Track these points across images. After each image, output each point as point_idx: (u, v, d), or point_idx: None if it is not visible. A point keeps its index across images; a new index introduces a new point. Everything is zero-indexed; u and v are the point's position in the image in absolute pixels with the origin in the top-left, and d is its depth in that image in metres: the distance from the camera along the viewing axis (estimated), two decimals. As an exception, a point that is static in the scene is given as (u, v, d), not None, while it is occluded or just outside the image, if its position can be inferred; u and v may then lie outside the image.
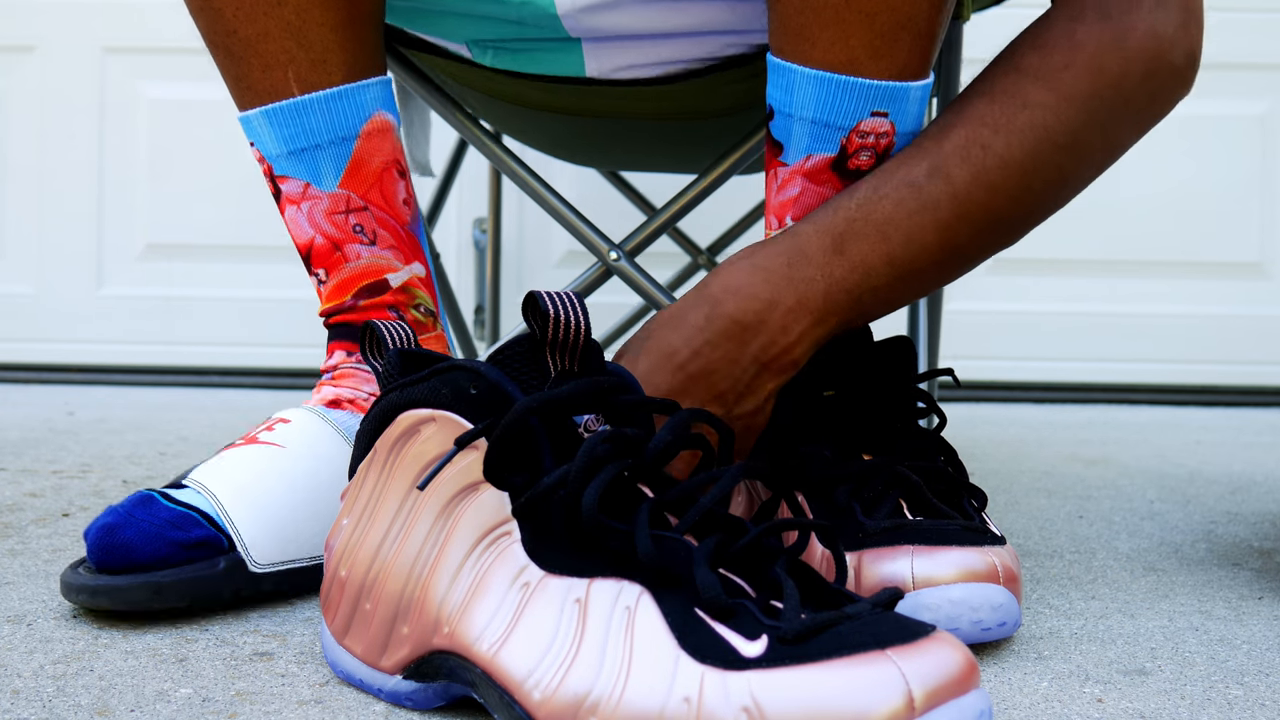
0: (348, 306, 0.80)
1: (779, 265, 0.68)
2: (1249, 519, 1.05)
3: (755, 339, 0.68)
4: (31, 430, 1.48)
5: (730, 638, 0.46)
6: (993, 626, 0.64)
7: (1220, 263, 2.06)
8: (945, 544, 0.64)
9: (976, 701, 0.44)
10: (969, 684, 0.44)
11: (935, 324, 1.25)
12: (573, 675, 0.47)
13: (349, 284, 0.80)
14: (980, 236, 0.71)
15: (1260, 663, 0.65)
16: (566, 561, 0.50)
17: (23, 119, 2.11)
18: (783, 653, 0.44)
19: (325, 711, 0.56)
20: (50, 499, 1.05)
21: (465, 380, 0.53)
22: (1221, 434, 1.67)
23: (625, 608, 0.48)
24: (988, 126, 0.69)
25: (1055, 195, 0.73)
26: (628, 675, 0.46)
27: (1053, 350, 2.06)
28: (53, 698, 0.57)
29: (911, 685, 0.42)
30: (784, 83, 0.71)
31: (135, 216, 2.11)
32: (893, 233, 0.68)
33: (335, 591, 0.59)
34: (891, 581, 0.64)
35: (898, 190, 0.69)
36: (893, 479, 0.69)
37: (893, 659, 0.43)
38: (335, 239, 0.79)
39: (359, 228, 0.79)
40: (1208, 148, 2.05)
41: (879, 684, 0.42)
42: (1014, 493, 1.16)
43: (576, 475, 0.50)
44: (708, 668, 0.45)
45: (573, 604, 0.49)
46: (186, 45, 2.10)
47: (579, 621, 0.48)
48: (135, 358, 2.09)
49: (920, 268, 0.70)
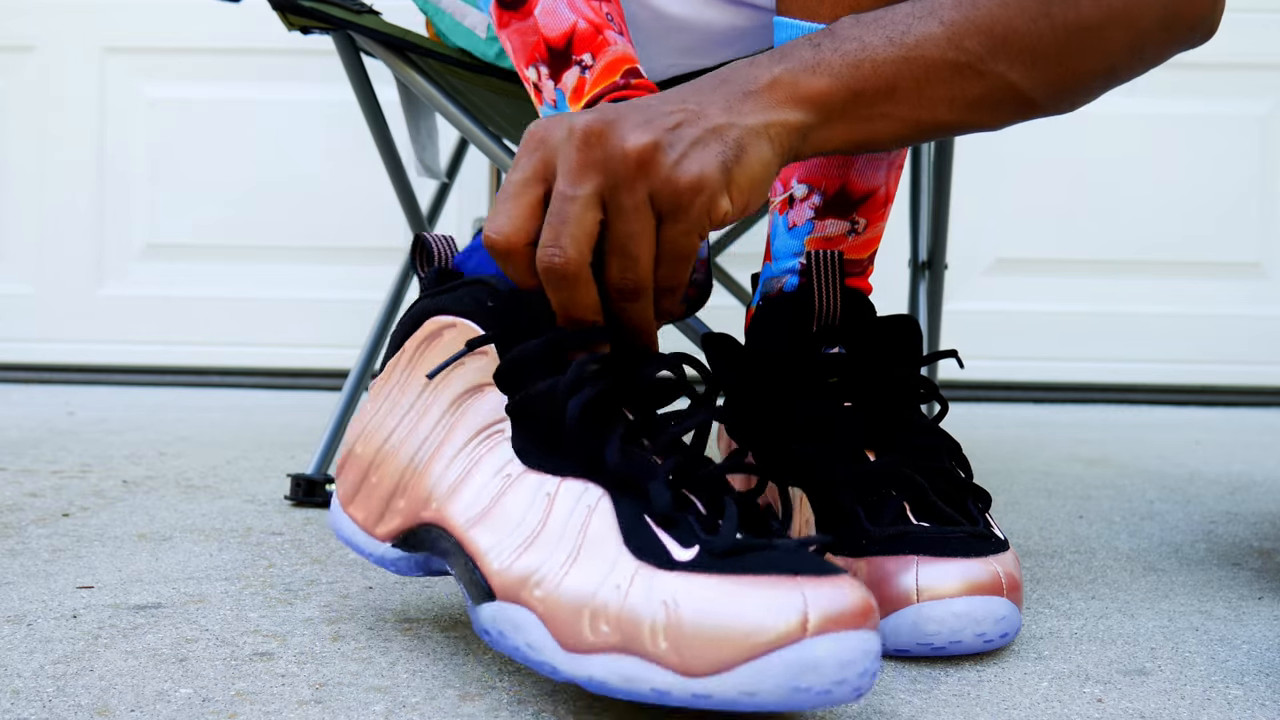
0: (619, 85, 0.73)
1: (766, 51, 0.63)
2: (1249, 519, 1.05)
3: (742, 74, 0.61)
4: (31, 430, 1.48)
5: (668, 543, 0.51)
6: (995, 638, 0.64)
7: (1220, 263, 2.06)
8: (950, 555, 0.64)
9: (865, 640, 0.49)
10: (862, 622, 0.49)
11: (935, 324, 1.25)
12: (529, 554, 0.54)
13: (616, 65, 0.73)
14: (995, 52, 0.64)
15: (1260, 663, 0.65)
16: (545, 461, 0.56)
17: (23, 119, 2.11)
18: (708, 563, 0.50)
19: (325, 711, 0.56)
20: (50, 499, 1.05)
21: (484, 294, 0.60)
22: (1221, 434, 1.67)
23: (586, 506, 0.53)
24: None
25: (1075, 42, 0.66)
26: (574, 561, 0.52)
27: (1053, 350, 2.06)
28: (53, 698, 0.57)
29: (809, 609, 0.47)
30: (789, 39, 0.71)
31: (135, 216, 2.11)
32: (889, 22, 0.63)
33: (350, 464, 0.67)
34: (896, 593, 0.64)
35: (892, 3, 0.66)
36: (898, 481, 0.69)
37: (800, 585, 0.48)
38: (596, 24, 0.74)
39: (610, 17, 0.75)
40: (1208, 148, 2.05)
41: (781, 603, 0.47)
42: (1014, 493, 1.16)
43: (564, 388, 0.55)
44: (642, 564, 0.50)
45: (543, 496, 0.55)
46: (186, 45, 2.10)
47: (545, 511, 0.54)
48: (135, 358, 2.09)
49: (927, 56, 0.63)
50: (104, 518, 0.98)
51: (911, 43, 0.62)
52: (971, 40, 0.63)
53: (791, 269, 0.78)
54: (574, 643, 0.51)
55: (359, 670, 0.62)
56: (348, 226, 2.08)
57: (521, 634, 0.53)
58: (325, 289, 2.08)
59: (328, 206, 2.08)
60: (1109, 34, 0.65)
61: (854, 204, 0.78)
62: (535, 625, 0.53)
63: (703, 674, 0.48)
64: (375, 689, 0.59)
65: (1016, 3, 0.63)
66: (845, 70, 0.61)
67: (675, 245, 0.57)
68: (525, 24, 0.74)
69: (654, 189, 0.55)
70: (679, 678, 0.48)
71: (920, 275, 1.24)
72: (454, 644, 0.66)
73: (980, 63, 0.63)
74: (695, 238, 0.57)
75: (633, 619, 0.49)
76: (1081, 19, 0.64)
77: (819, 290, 0.74)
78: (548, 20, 0.74)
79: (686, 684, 0.48)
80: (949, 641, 0.63)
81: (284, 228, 2.09)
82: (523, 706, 0.56)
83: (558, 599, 0.52)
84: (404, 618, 0.71)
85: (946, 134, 0.68)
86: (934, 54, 0.62)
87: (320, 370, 2.05)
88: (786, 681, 0.47)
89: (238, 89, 2.10)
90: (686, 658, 0.48)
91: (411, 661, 0.63)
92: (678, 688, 0.48)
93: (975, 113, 0.65)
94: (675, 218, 0.56)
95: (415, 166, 1.13)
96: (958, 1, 0.63)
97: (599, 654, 0.50)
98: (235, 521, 0.97)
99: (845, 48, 0.62)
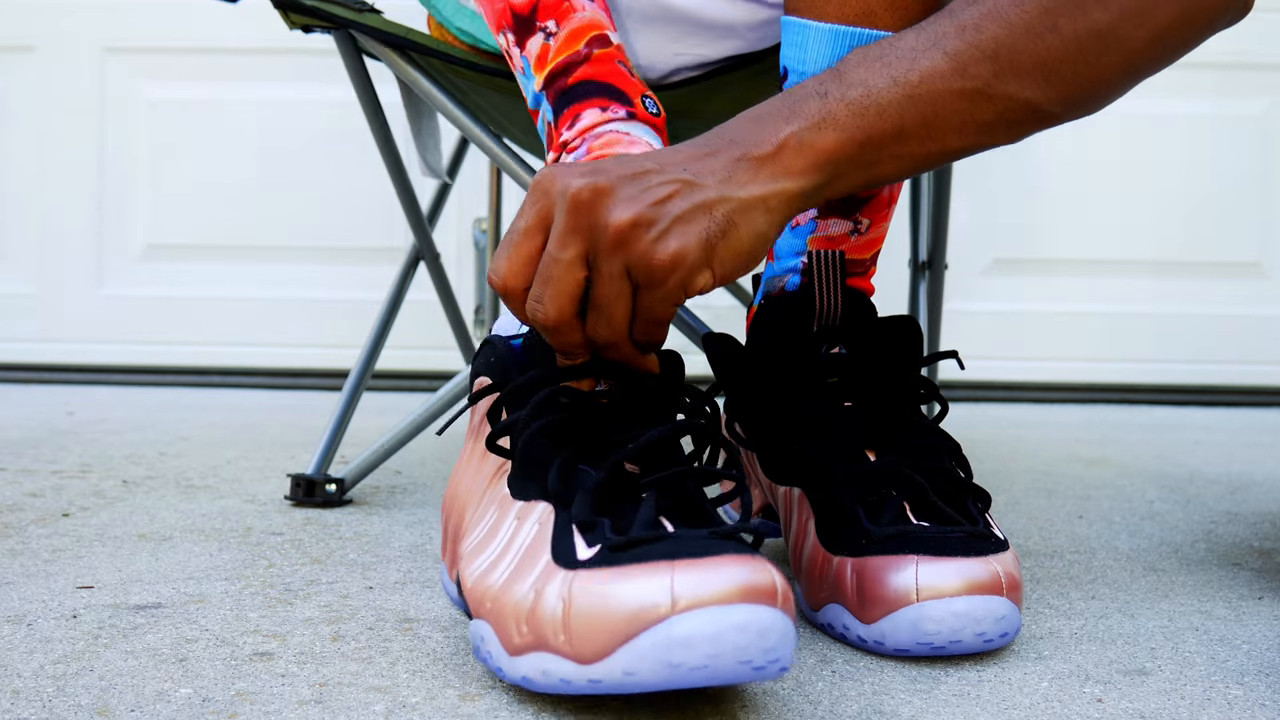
0: (582, 57, 0.73)
1: (773, 100, 0.63)
2: (1249, 519, 1.05)
3: (753, 135, 0.61)
4: (31, 430, 1.48)
5: (578, 545, 0.55)
6: (995, 637, 0.64)
7: (1220, 263, 2.06)
8: (950, 554, 0.64)
9: (744, 613, 0.50)
10: (744, 598, 0.50)
11: (935, 324, 1.25)
12: (491, 572, 0.59)
13: (581, 32, 0.73)
14: (1003, 76, 0.63)
15: (1260, 663, 0.65)
16: (522, 487, 0.62)
17: (23, 119, 2.11)
18: (603, 558, 0.53)
19: (325, 711, 0.56)
20: (50, 499, 1.05)
21: (491, 353, 0.69)
22: (1221, 434, 1.67)
23: (538, 523, 0.58)
24: None
25: (1090, 49, 0.64)
26: (516, 572, 0.57)
27: (1053, 350, 2.06)
28: (53, 698, 0.57)
29: (675, 589, 0.50)
30: (798, 40, 0.70)
31: (135, 216, 2.11)
32: (894, 59, 0.63)
33: (444, 520, 0.73)
34: (896, 593, 0.64)
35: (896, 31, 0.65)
36: (898, 481, 0.69)
37: (672, 568, 0.50)
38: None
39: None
40: (1207, 147, 2.05)
41: (650, 585, 0.50)
42: (1014, 493, 1.16)
43: (523, 420, 0.61)
44: (556, 566, 0.55)
45: (514, 519, 0.61)
46: (186, 45, 2.10)
47: (513, 533, 0.60)
48: (135, 358, 2.09)
49: (935, 90, 0.62)
50: (104, 518, 0.98)
51: (916, 80, 0.62)
52: (978, 66, 0.62)
53: (794, 268, 0.78)
54: (510, 646, 0.55)
55: (359, 670, 0.62)
56: (348, 226, 2.08)
57: (486, 644, 0.58)
58: (325, 289, 2.08)
59: (328, 206, 2.08)
60: (1124, 34, 0.64)
61: (857, 204, 0.78)
62: (491, 635, 0.57)
63: (591, 660, 0.51)
64: (375, 689, 0.59)
65: (1020, 21, 0.62)
66: (851, 121, 0.61)
67: (650, 311, 0.59)
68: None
69: (630, 263, 0.57)
70: (576, 666, 0.52)
71: (920, 275, 1.24)
72: (454, 644, 0.66)
73: (989, 87, 0.62)
74: (670, 306, 0.59)
75: (541, 617, 0.53)
76: (1092, 26, 0.63)
77: (820, 290, 0.74)
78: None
79: (582, 671, 0.51)
80: (949, 641, 0.63)
81: (284, 228, 2.09)
82: (523, 706, 0.56)
83: (499, 608, 0.57)
84: (404, 618, 0.71)
85: (961, 157, 0.67)
86: (940, 87, 0.62)
87: (320, 370, 2.05)
88: (659, 660, 0.50)
89: (238, 89, 2.09)
90: (578, 646, 0.52)
91: (411, 661, 0.63)
92: (577, 676, 0.52)
93: (990, 134, 0.65)
94: (650, 289, 0.58)
95: (418, 166, 1.13)
96: (961, 27, 0.62)
97: (525, 654, 0.54)
98: (235, 521, 0.97)
99: (851, 95, 0.61)
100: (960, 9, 0.63)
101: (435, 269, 1.22)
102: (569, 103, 0.72)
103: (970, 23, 0.62)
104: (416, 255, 1.20)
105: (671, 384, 0.63)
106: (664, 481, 0.58)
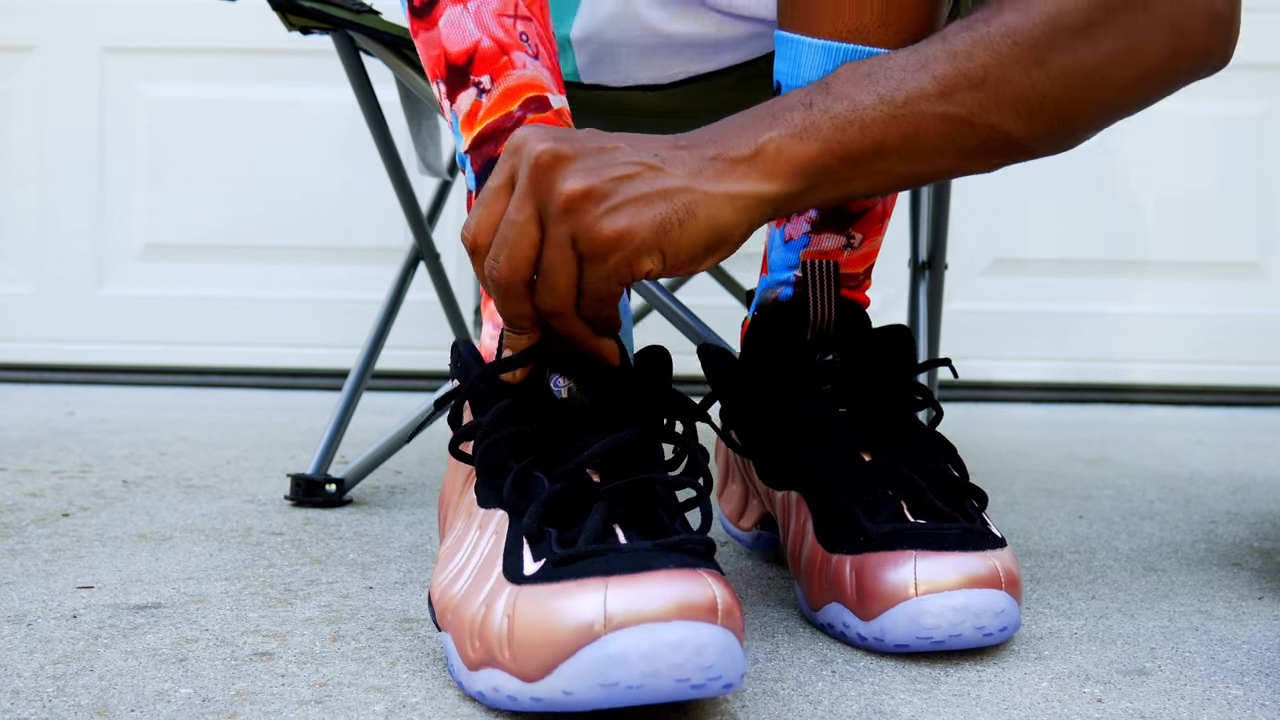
0: (514, 121, 0.69)
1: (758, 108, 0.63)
2: (1249, 519, 1.05)
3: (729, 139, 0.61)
4: (31, 430, 1.48)
5: (526, 559, 0.55)
6: (994, 632, 0.64)
7: (1219, 263, 2.06)
8: (948, 549, 0.64)
9: (680, 631, 0.49)
10: (680, 615, 0.50)
11: (935, 324, 1.25)
12: (454, 583, 0.59)
13: (515, 92, 0.69)
14: (987, 105, 0.63)
15: (1260, 663, 0.65)
16: (486, 495, 0.61)
17: (23, 119, 2.11)
18: (546, 573, 0.53)
19: (325, 711, 0.56)
20: (50, 499, 1.05)
21: (455, 358, 0.67)
22: (1221, 434, 1.67)
23: (496, 533, 0.58)
24: (992, 5, 0.64)
25: (1075, 87, 0.64)
26: (471, 584, 0.57)
27: (1053, 350, 2.06)
28: (53, 698, 0.57)
29: (609, 607, 0.49)
30: (791, 54, 0.70)
31: (135, 216, 2.11)
32: (881, 78, 0.63)
33: (440, 521, 0.71)
34: (895, 588, 0.64)
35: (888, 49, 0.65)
36: (894, 481, 0.69)
37: (606, 585, 0.50)
38: (503, 43, 0.69)
39: (524, 36, 0.70)
40: (1206, 147, 2.05)
41: (584, 604, 0.50)
42: (1014, 493, 1.16)
43: (483, 430, 0.61)
44: (505, 581, 0.54)
45: (477, 528, 0.60)
46: (186, 45, 2.10)
47: (475, 543, 0.60)
48: (135, 358, 2.09)
49: (919, 111, 0.62)
50: (104, 518, 0.98)
51: (901, 100, 0.62)
52: (964, 94, 0.62)
53: (786, 281, 0.78)
54: (467, 660, 0.56)
55: (359, 670, 0.62)
56: (348, 226, 2.08)
57: (450, 656, 0.58)
58: (325, 289, 2.08)
59: (328, 206, 2.08)
60: (1111, 75, 0.64)
61: (850, 218, 0.78)
62: (451, 646, 0.58)
63: (534, 678, 0.51)
64: (375, 689, 0.59)
65: (1011, 53, 0.62)
66: (833, 135, 0.61)
67: (594, 287, 0.58)
68: (430, 34, 0.70)
69: (575, 233, 0.57)
70: (521, 683, 0.52)
71: (920, 275, 1.24)
72: (454, 644, 0.66)
73: (974, 116, 0.62)
74: (614, 284, 0.58)
75: (489, 633, 0.53)
76: (1080, 65, 0.63)
77: (814, 298, 0.74)
78: (450, 34, 0.70)
79: (526, 689, 0.51)
80: (948, 635, 0.63)
81: (284, 228, 2.09)
82: (523, 706, 0.56)
83: (458, 621, 0.57)
84: (404, 618, 0.71)
85: (935, 180, 0.67)
86: (925, 109, 0.62)
87: (320, 370, 2.05)
88: (594, 678, 0.49)
89: (238, 89, 2.09)
90: (521, 664, 0.52)
91: (411, 661, 0.63)
92: (521, 693, 0.52)
93: (968, 161, 0.65)
94: (593, 264, 0.58)
95: (416, 165, 1.13)
96: (952, 53, 0.62)
97: (479, 669, 0.54)
98: (235, 521, 0.97)
99: (835, 108, 0.61)
100: (954, 34, 0.63)
101: (435, 269, 1.22)
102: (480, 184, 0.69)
103: (962, 49, 0.62)
104: (416, 255, 1.21)
105: (642, 385, 0.62)
106: (622, 490, 0.57)
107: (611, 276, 0.58)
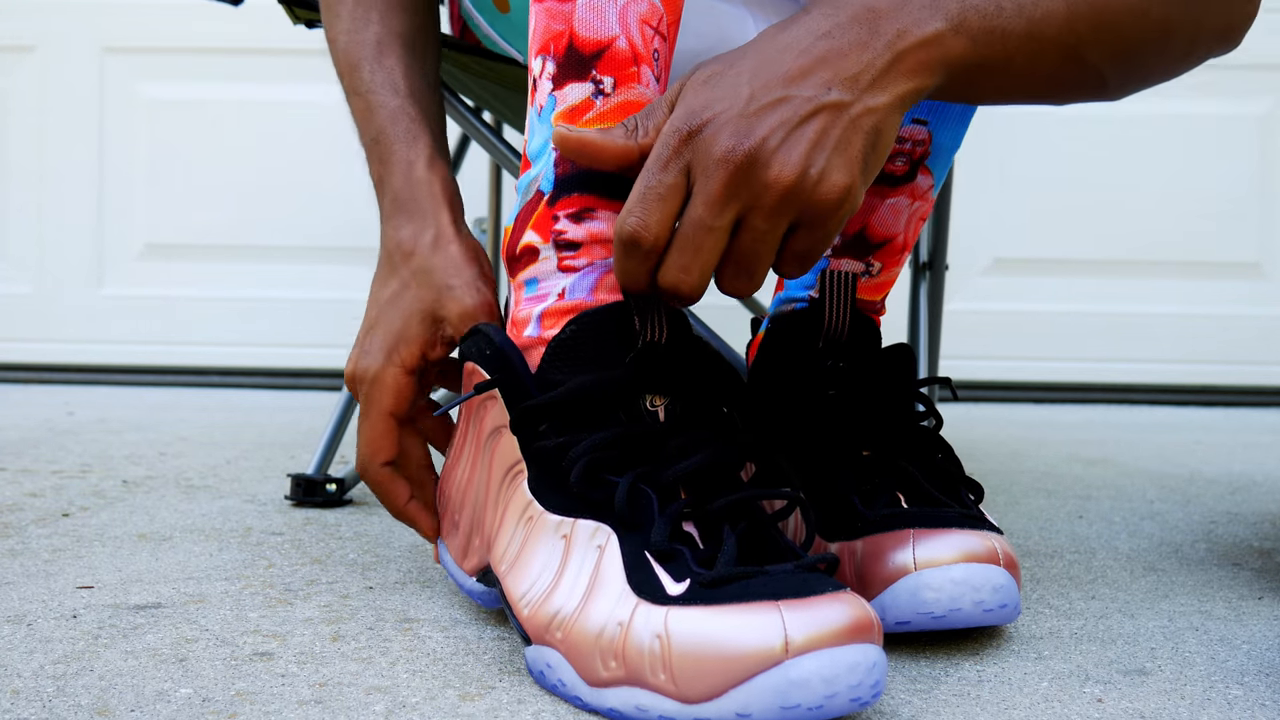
0: None
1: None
2: (1249, 519, 1.05)
3: (890, 24, 0.58)
4: (31, 430, 1.48)
5: (664, 578, 0.54)
6: (994, 607, 0.64)
7: (1219, 263, 2.06)
8: (945, 527, 0.65)
9: (855, 654, 0.51)
10: (853, 638, 0.51)
11: (936, 324, 1.25)
12: (551, 598, 0.58)
13: (632, 109, 0.62)
14: (1099, 39, 0.63)
15: (1260, 663, 0.65)
16: (560, 502, 0.60)
17: (23, 119, 2.11)
18: (698, 595, 0.53)
19: (325, 711, 0.56)
20: (50, 499, 1.05)
21: (484, 344, 0.65)
22: (1221, 434, 1.67)
23: (598, 546, 0.57)
24: None
25: (1160, 39, 0.65)
26: (587, 600, 0.56)
27: (1053, 350, 2.06)
28: (53, 698, 0.57)
29: (789, 631, 0.50)
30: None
31: (135, 216, 2.11)
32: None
33: (441, 502, 0.72)
34: (894, 566, 0.64)
35: None
36: (892, 471, 0.70)
37: (780, 609, 0.51)
38: (639, 52, 0.62)
39: (657, 55, 0.63)
40: (1207, 147, 2.05)
41: (760, 628, 0.50)
42: (1014, 493, 1.16)
43: (575, 455, 0.59)
44: (641, 600, 0.54)
45: (560, 539, 0.59)
46: (186, 45, 2.10)
47: (563, 554, 0.59)
48: (135, 358, 2.09)
49: (1045, 34, 0.61)
50: (104, 518, 0.98)
51: (1039, 16, 0.61)
52: (1083, 24, 0.62)
53: (802, 299, 0.78)
54: (593, 678, 0.55)
55: (359, 670, 0.62)
56: (348, 226, 2.08)
57: (555, 672, 0.57)
58: (325, 289, 2.08)
59: (328, 206, 2.08)
60: (1183, 35, 0.65)
61: (872, 247, 0.79)
62: (563, 664, 0.57)
63: (698, 700, 0.51)
64: (375, 689, 0.59)
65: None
66: (981, 36, 0.60)
67: (806, 250, 0.57)
68: (561, 6, 0.62)
69: (800, 214, 0.56)
70: (681, 705, 0.52)
71: (920, 275, 1.24)
72: (454, 644, 0.66)
73: (1083, 48, 0.63)
74: (829, 241, 0.58)
75: (634, 654, 0.53)
76: (1168, 21, 0.64)
77: (830, 306, 0.74)
78: (588, 16, 0.62)
79: (687, 710, 0.52)
80: (948, 610, 0.63)
81: (284, 228, 2.09)
82: (523, 706, 0.56)
83: (575, 639, 0.56)
84: (404, 618, 0.71)
85: (1022, 103, 0.67)
86: (1051, 34, 0.61)
87: (320, 370, 2.05)
88: (775, 702, 0.50)
89: (238, 89, 2.10)
90: (682, 686, 0.51)
91: (411, 661, 0.63)
92: (681, 714, 0.52)
93: (1059, 92, 0.65)
94: (813, 228, 0.56)
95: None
96: None
97: (613, 687, 0.54)
98: (235, 521, 0.97)
99: (984, 7, 0.60)
100: None
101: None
102: (580, 189, 0.62)
103: None
104: (416, 255, 1.20)
105: (730, 400, 0.63)
106: (731, 507, 0.58)
107: (831, 234, 0.57)
